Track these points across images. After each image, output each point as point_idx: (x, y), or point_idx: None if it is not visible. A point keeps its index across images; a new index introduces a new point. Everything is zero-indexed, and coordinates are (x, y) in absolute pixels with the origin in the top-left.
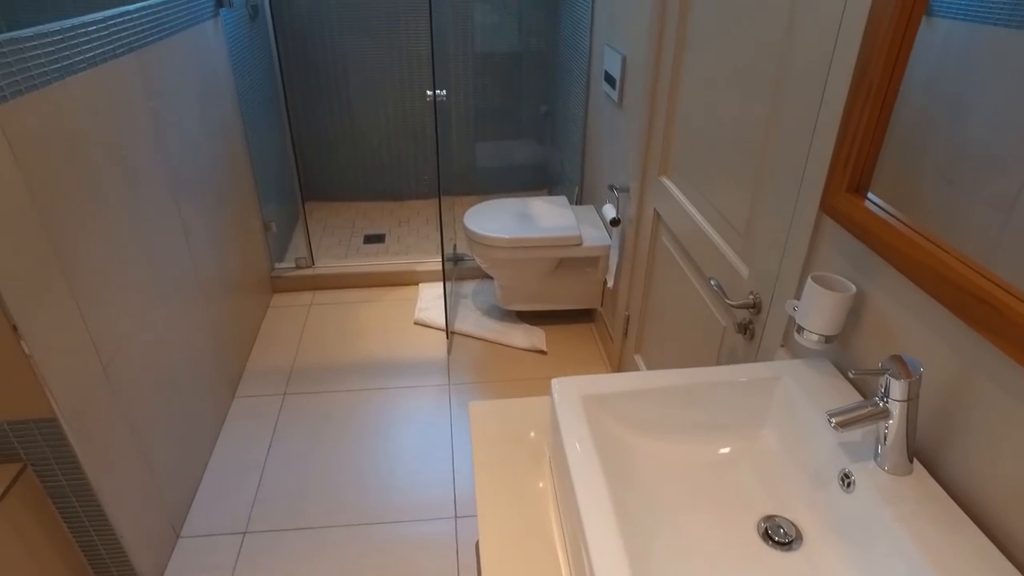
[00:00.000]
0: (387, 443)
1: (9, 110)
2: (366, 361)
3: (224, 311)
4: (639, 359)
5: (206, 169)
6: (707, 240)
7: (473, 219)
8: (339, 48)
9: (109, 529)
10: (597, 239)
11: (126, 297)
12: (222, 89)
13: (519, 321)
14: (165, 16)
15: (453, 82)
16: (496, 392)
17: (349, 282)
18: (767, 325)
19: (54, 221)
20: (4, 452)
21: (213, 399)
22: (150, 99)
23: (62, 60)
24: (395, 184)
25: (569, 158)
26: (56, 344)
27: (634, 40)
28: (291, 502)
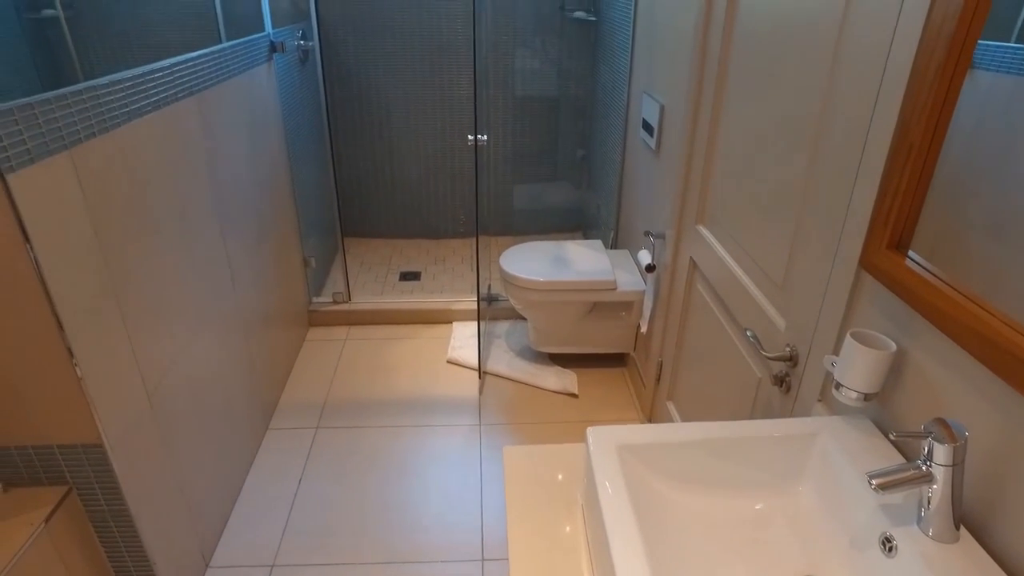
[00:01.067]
0: (416, 481)
1: (82, 151)
2: (398, 398)
3: (262, 343)
4: (671, 406)
5: (252, 205)
6: (743, 290)
7: (509, 261)
8: (383, 91)
9: (143, 556)
10: (632, 284)
11: (172, 328)
12: (271, 129)
13: (551, 363)
14: (224, 61)
15: (492, 125)
16: (526, 434)
17: (384, 318)
18: (804, 379)
19: (113, 253)
20: (52, 475)
21: (248, 430)
22: (206, 139)
23: (131, 104)
24: (432, 223)
25: (605, 203)
26: (106, 371)
27: (673, 90)
28: (319, 537)
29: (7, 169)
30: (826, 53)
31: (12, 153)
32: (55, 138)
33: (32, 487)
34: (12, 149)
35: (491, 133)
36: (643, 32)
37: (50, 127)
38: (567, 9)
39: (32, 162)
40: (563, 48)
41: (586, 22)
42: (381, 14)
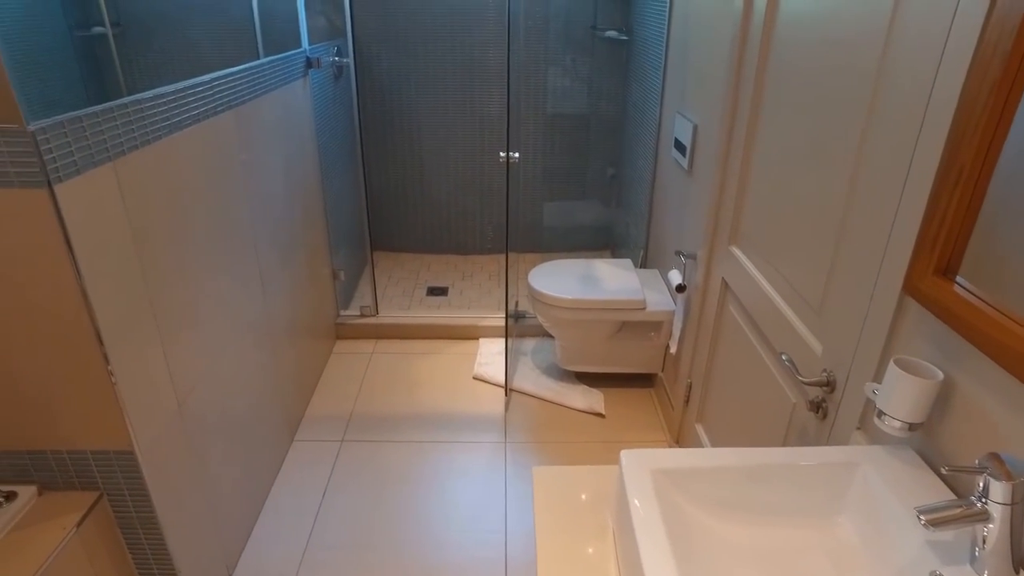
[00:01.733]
0: (440, 498)
1: (125, 162)
2: (424, 413)
3: (290, 355)
4: (700, 429)
5: (284, 217)
6: (778, 313)
7: (538, 278)
8: (414, 108)
9: (169, 564)
10: (661, 304)
11: (204, 338)
12: (305, 142)
13: (578, 382)
14: (262, 76)
15: (522, 142)
16: (552, 453)
17: (411, 333)
18: (842, 405)
19: (150, 263)
20: (85, 480)
21: (274, 441)
22: (242, 152)
23: (172, 118)
24: (460, 238)
25: (634, 221)
26: (140, 379)
27: (706, 110)
28: (342, 551)
29: (55, 180)
30: (869, 71)
31: (60, 164)
32: (100, 150)
33: (65, 491)
34: (60, 160)
35: (521, 151)
36: (676, 52)
37: (96, 139)
38: (599, 28)
39: (78, 173)
40: (594, 67)
41: (618, 41)
42: (415, 32)
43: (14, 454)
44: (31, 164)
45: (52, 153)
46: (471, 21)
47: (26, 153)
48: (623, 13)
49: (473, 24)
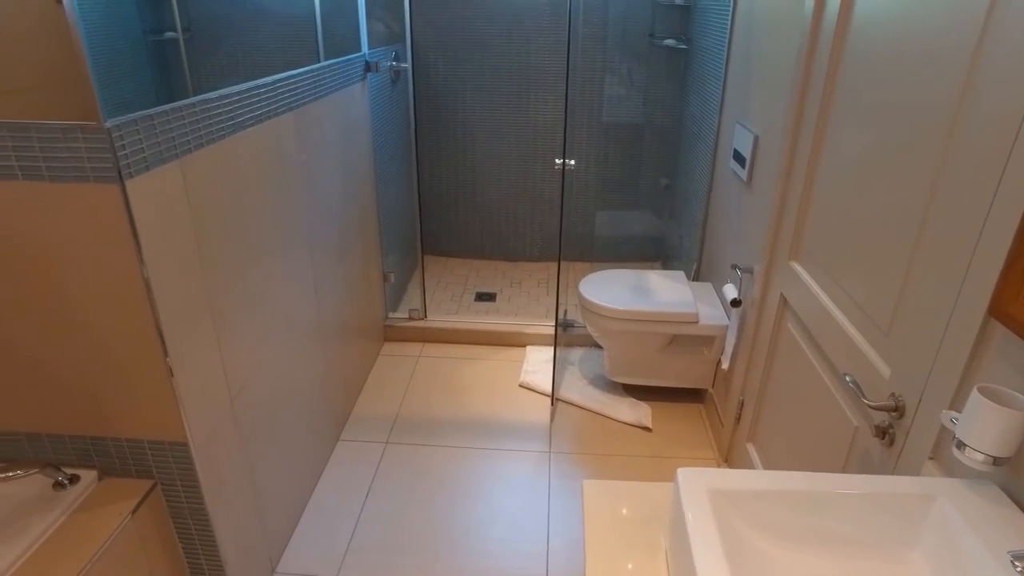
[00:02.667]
0: (483, 505)
1: (191, 160)
2: (468, 419)
3: (338, 355)
4: (751, 448)
5: (339, 218)
6: (841, 332)
7: (589, 287)
8: (469, 113)
9: (216, 555)
10: (714, 318)
11: (258, 335)
12: (361, 145)
13: (625, 394)
14: (322, 79)
15: (576, 150)
16: (597, 465)
17: (458, 338)
18: (912, 433)
19: (210, 259)
20: (141, 469)
21: (320, 440)
22: (302, 153)
23: (236, 118)
24: (510, 245)
25: (688, 233)
26: (196, 373)
27: (769, 120)
28: (383, 553)
29: (127, 175)
30: (955, 79)
31: (132, 161)
32: (169, 147)
33: (123, 478)
34: (132, 157)
35: (575, 159)
36: (738, 61)
37: (165, 137)
38: (656, 37)
39: (147, 169)
40: (650, 76)
41: (675, 50)
42: (472, 39)
43: (79, 439)
44: (106, 160)
45: (125, 150)
46: (528, 28)
47: (101, 149)
48: (682, 22)
49: (530, 31)
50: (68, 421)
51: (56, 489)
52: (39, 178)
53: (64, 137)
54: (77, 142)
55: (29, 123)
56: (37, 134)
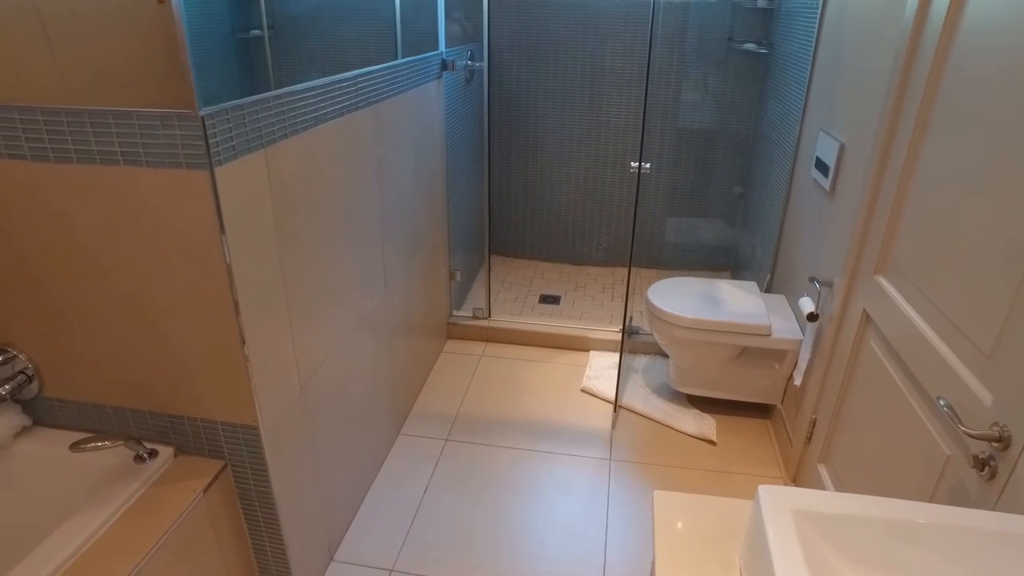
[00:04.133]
0: (540, 508)
1: (275, 150)
2: (529, 421)
3: (403, 350)
4: (823, 470)
5: (410, 214)
6: (934, 353)
7: (657, 294)
8: (540, 115)
9: (279, 538)
10: (788, 332)
11: (328, 324)
12: (434, 143)
13: (689, 405)
14: (400, 76)
15: (648, 155)
16: (658, 476)
17: (521, 339)
18: (1018, 467)
19: (287, 248)
20: (213, 449)
21: (381, 432)
22: (378, 147)
23: (319, 110)
24: (575, 248)
25: (761, 243)
26: (269, 360)
27: (858, 128)
28: (440, 550)
29: (216, 163)
30: None
31: (222, 148)
32: (255, 137)
33: (196, 456)
34: (222, 145)
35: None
36: (824, 66)
37: (253, 126)
38: (736, 41)
39: (235, 157)
40: (727, 80)
41: (755, 55)
42: (547, 40)
43: (159, 416)
44: (198, 147)
45: (216, 137)
46: (603, 31)
47: (195, 136)
48: (764, 26)
49: (605, 34)
50: (151, 398)
51: (136, 462)
52: (137, 163)
53: (162, 124)
54: (173, 129)
55: (132, 110)
56: (138, 121)
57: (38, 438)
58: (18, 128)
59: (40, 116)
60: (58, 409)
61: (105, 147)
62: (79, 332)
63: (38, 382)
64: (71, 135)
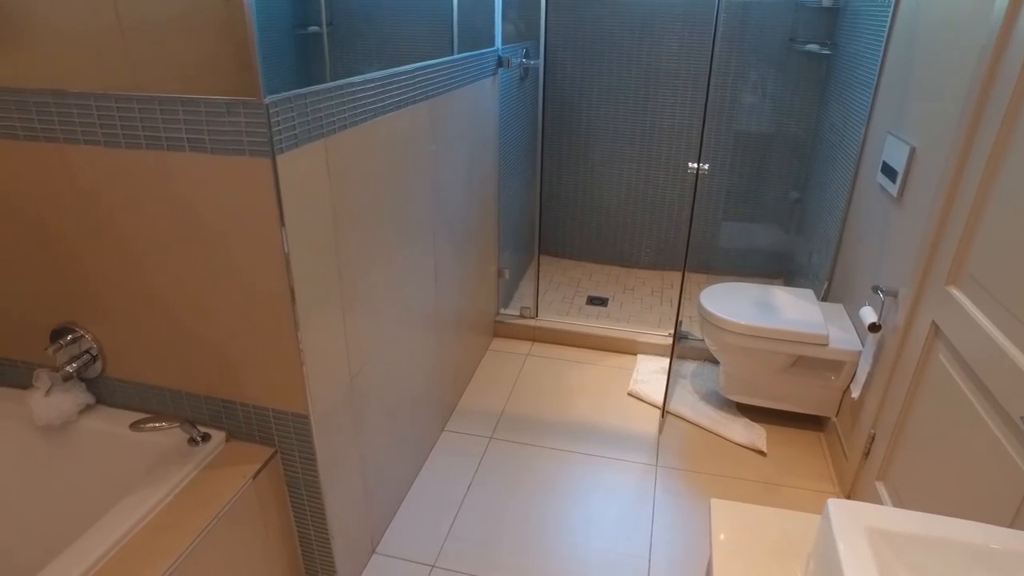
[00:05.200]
0: (584, 512)
1: (335, 140)
2: (574, 422)
3: (451, 346)
4: (881, 487)
5: (462, 210)
6: (1015, 370)
7: (710, 299)
8: (593, 115)
9: (324, 528)
10: (846, 342)
11: (379, 317)
12: (488, 140)
13: (739, 414)
14: (457, 71)
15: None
16: (706, 485)
17: (568, 340)
18: None
19: (342, 239)
20: (264, 436)
21: (426, 428)
22: (433, 142)
23: (378, 103)
24: (624, 250)
25: (818, 250)
26: (322, 350)
27: (931, 130)
28: (481, 548)
29: (278, 150)
30: None
31: (284, 137)
32: (316, 126)
33: (247, 442)
34: (284, 133)
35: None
36: (895, 66)
37: (315, 116)
38: (798, 41)
39: (296, 146)
40: (786, 82)
41: (817, 56)
42: (602, 39)
43: (213, 400)
44: (262, 134)
45: (279, 125)
46: (659, 30)
47: (259, 124)
48: (827, 26)
49: (663, 33)
50: (206, 383)
51: (190, 444)
52: (202, 150)
53: (228, 111)
54: (238, 116)
55: (199, 98)
56: (205, 108)
57: (100, 416)
58: (94, 115)
59: (114, 103)
60: (118, 389)
61: (172, 133)
62: (141, 315)
63: (101, 362)
64: (141, 121)
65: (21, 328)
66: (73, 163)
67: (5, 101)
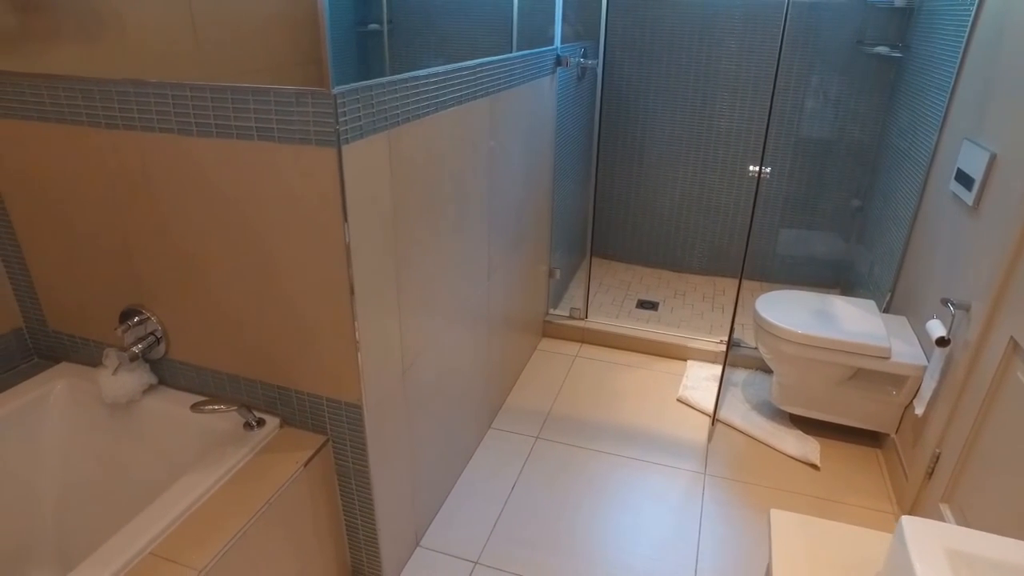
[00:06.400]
0: (629, 517)
1: (397, 133)
2: (621, 426)
3: (500, 343)
4: (946, 510)
5: (516, 208)
6: None
7: (766, 306)
8: (649, 116)
9: (371, 518)
10: (910, 356)
11: (432, 312)
12: (544, 138)
13: (791, 425)
14: (517, 69)
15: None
16: (756, 496)
17: (617, 342)
18: None
19: (401, 231)
20: (316, 424)
21: (473, 424)
22: (491, 138)
23: (440, 97)
24: (676, 254)
25: (880, 260)
26: (377, 341)
27: (1016, 136)
28: (524, 547)
29: (344, 141)
30: None
31: (350, 127)
32: (380, 118)
33: (300, 429)
34: (350, 124)
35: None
36: (975, 68)
37: (379, 108)
38: (866, 43)
39: (361, 137)
40: (851, 86)
41: (887, 58)
42: (661, 40)
43: (269, 386)
44: (328, 124)
45: (346, 116)
46: (721, 31)
47: (326, 114)
48: (899, 27)
49: (723, 34)
50: (263, 369)
51: (245, 429)
52: (270, 139)
53: (296, 101)
54: (306, 106)
55: (269, 87)
56: (274, 98)
57: (162, 396)
58: (169, 103)
59: (188, 92)
60: (179, 371)
61: (242, 122)
62: (204, 300)
63: (165, 344)
64: (213, 110)
65: (94, 309)
66: (147, 150)
67: (90, 91)
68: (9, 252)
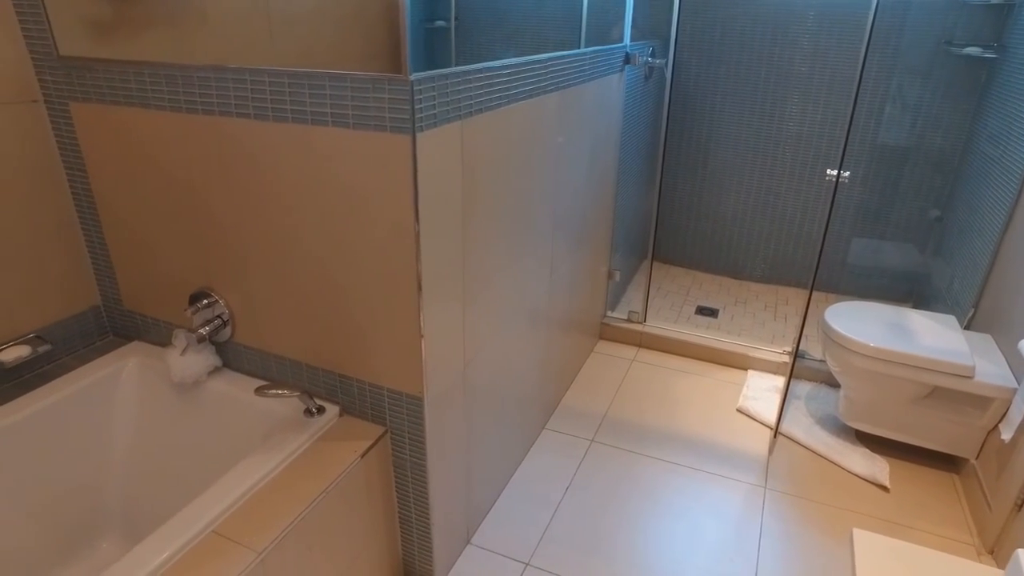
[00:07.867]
0: (685, 527)
1: (470, 123)
2: (679, 434)
3: (558, 344)
4: None
5: (581, 206)
6: None
7: (836, 317)
8: (715, 119)
9: (425, 512)
10: (997, 377)
11: (495, 308)
12: (610, 137)
13: (858, 443)
14: (587, 64)
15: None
16: (819, 515)
17: (675, 348)
18: None
19: (469, 224)
20: (376, 414)
21: (528, 424)
22: (559, 134)
23: (512, 89)
24: (737, 261)
25: (962, 274)
26: (441, 335)
27: None
28: (576, 552)
29: (419, 128)
30: None
31: (424, 115)
32: (454, 108)
33: (359, 419)
34: (425, 112)
35: (829, 177)
36: None
37: (454, 97)
38: (956, 44)
39: (435, 125)
40: (935, 90)
41: (978, 60)
42: (732, 40)
43: (330, 374)
44: (404, 111)
45: (421, 103)
46: (794, 32)
47: (402, 101)
48: (995, 26)
49: (797, 35)
50: (325, 357)
51: (306, 415)
52: (344, 125)
53: (373, 88)
54: (383, 93)
55: (346, 73)
56: (351, 84)
57: (226, 379)
58: (247, 89)
59: (266, 78)
60: (244, 355)
61: (317, 108)
62: (271, 285)
63: (231, 327)
64: (290, 96)
65: (165, 290)
66: (224, 135)
67: (174, 76)
68: (92, 232)
